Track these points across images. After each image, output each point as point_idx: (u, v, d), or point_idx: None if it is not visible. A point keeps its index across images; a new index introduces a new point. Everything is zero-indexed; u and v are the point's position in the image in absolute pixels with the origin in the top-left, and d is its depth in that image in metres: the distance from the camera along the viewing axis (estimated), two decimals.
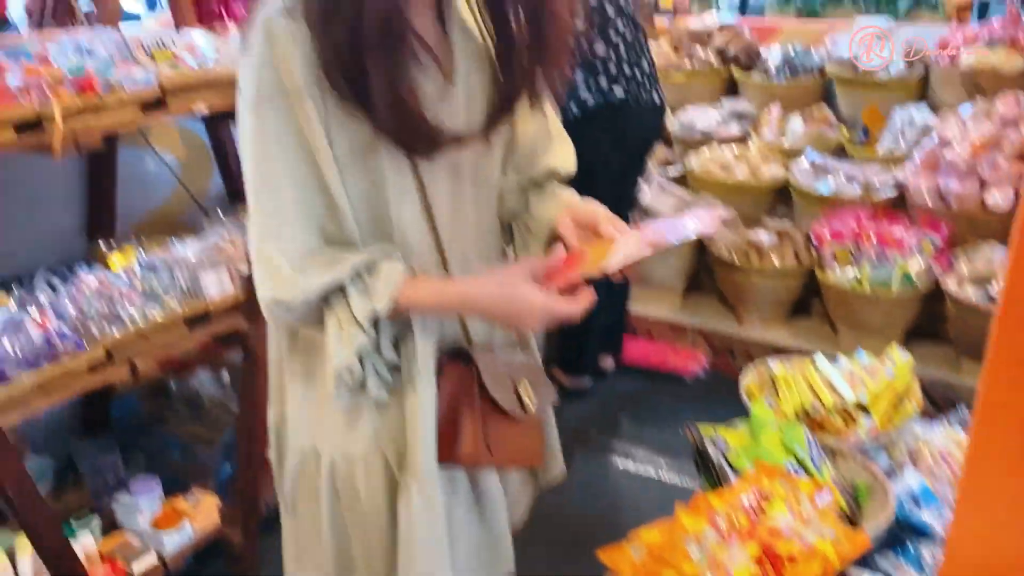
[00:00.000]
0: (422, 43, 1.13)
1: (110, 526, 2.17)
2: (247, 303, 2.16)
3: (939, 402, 2.69)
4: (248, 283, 2.16)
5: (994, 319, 0.66)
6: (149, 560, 2.08)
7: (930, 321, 2.96)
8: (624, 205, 2.87)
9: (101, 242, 2.33)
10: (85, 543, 2.04)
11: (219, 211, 2.55)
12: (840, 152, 3.49)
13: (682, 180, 3.61)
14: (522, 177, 1.32)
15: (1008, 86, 3.12)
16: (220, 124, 2.41)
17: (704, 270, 3.37)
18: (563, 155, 1.34)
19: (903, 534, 1.35)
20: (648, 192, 3.38)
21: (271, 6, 1.08)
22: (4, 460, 1.71)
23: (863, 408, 2.02)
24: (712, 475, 1.44)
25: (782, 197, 3.42)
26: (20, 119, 1.60)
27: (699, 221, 1.14)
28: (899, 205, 3.15)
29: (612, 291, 2.29)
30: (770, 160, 3.47)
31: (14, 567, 1.91)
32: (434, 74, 1.16)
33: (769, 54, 3.83)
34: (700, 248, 3.32)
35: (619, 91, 2.71)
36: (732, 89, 3.95)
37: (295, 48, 1.05)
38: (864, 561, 1.26)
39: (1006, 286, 0.65)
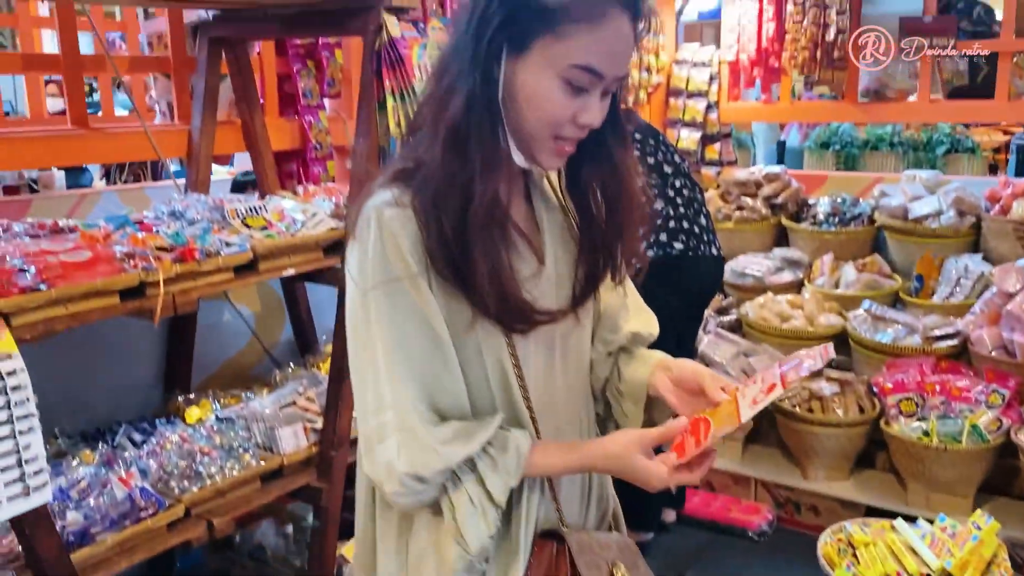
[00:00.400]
0: (518, 230, 1.19)
1: None
2: (320, 459, 2.18)
3: (1020, 563, 2.58)
4: (321, 437, 2.20)
5: None
6: None
7: (1003, 477, 2.88)
8: (684, 354, 2.87)
9: (178, 394, 2.39)
10: None
11: (290, 363, 2.61)
12: (895, 301, 3.50)
13: (736, 327, 3.63)
14: (608, 346, 1.36)
15: None
16: (295, 279, 2.50)
17: (765, 420, 3.34)
18: (645, 320, 1.39)
19: None
20: (705, 340, 3.40)
21: (380, 197, 1.15)
22: None
23: (949, 575, 1.95)
24: None
25: (840, 347, 3.41)
26: (125, 286, 1.69)
27: (813, 357, 1.15)
28: (961, 355, 3.12)
29: None
30: (825, 309, 3.48)
31: None
32: (527, 255, 1.22)
33: (817, 203, 3.92)
34: None
35: (679, 245, 2.78)
36: (782, 237, 4.02)
37: (405, 235, 1.11)
38: None
39: None
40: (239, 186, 3.07)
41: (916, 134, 6.44)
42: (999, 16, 3.77)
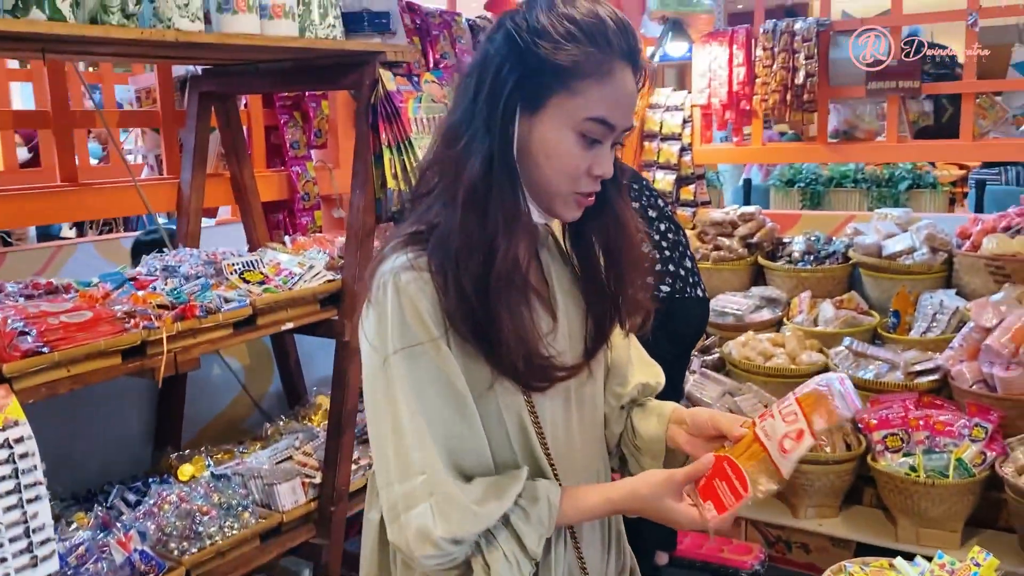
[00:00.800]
0: (534, 289, 1.21)
1: None
2: (320, 515, 2.15)
3: None
4: (320, 493, 2.17)
5: None
6: None
7: (989, 510, 2.92)
8: (675, 396, 2.91)
9: (170, 451, 2.35)
10: None
11: (281, 416, 2.59)
12: (874, 337, 3.56)
13: (720, 366, 3.66)
14: (619, 399, 1.37)
15: None
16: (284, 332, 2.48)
17: None
18: (652, 371, 1.41)
19: None
20: (691, 381, 3.43)
21: (395, 260, 1.15)
22: None
23: None
24: None
25: None
26: (128, 346, 1.67)
27: (829, 389, 1.15)
28: (942, 390, 3.18)
29: None
30: (807, 346, 3.53)
31: None
32: (543, 312, 1.23)
33: (792, 242, 3.99)
34: None
35: (665, 288, 2.81)
36: (759, 275, 4.08)
37: (424, 299, 1.12)
38: None
39: None
40: (141, 248, 2.46)
41: (879, 171, 6.62)
42: (961, 59, 3.90)
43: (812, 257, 3.89)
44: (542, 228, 1.30)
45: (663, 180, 4.43)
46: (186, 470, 2.25)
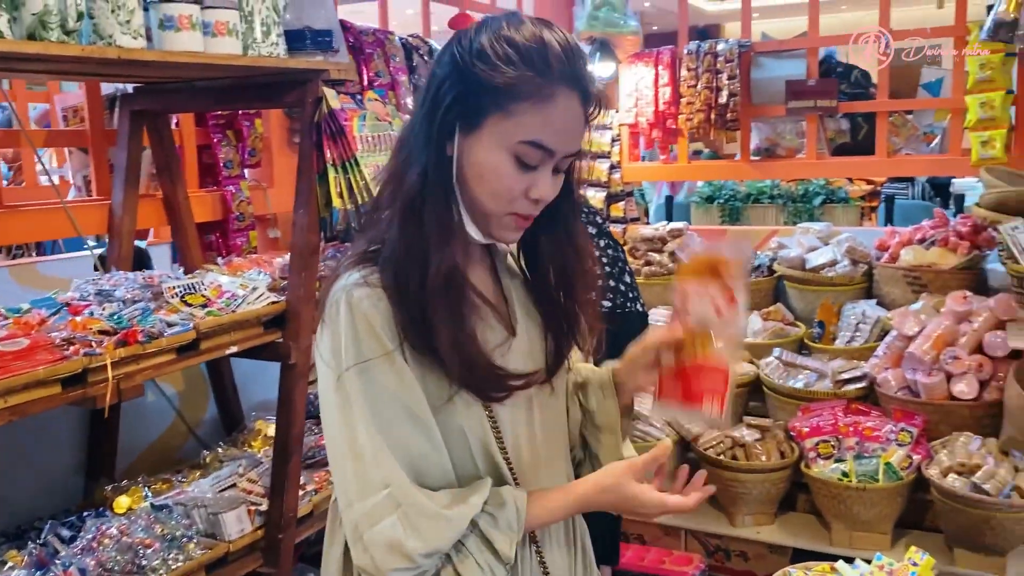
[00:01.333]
0: (484, 299, 1.21)
1: None
2: (267, 543, 2.10)
3: None
4: (267, 520, 2.11)
5: None
6: None
7: (916, 511, 3.04)
8: None
9: (104, 483, 2.26)
10: None
11: (219, 443, 2.52)
12: (801, 347, 3.68)
13: None
14: (568, 386, 1.38)
15: (946, 281, 3.40)
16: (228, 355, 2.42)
17: (691, 471, 3.42)
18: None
19: None
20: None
21: (348, 278, 1.16)
22: None
23: None
24: None
25: (755, 393, 3.55)
26: (69, 374, 1.60)
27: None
28: (868, 396, 3.30)
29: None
30: (737, 358, 3.62)
31: None
32: (496, 325, 1.24)
33: None
34: (685, 448, 3.38)
35: (606, 303, 2.85)
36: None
37: (377, 313, 1.12)
38: None
39: None
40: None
41: (794, 187, 6.87)
42: (875, 79, 4.08)
43: None
44: (500, 247, 1.31)
45: (594, 197, 4.50)
46: (122, 502, 2.16)
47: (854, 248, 3.73)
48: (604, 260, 2.91)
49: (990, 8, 3.53)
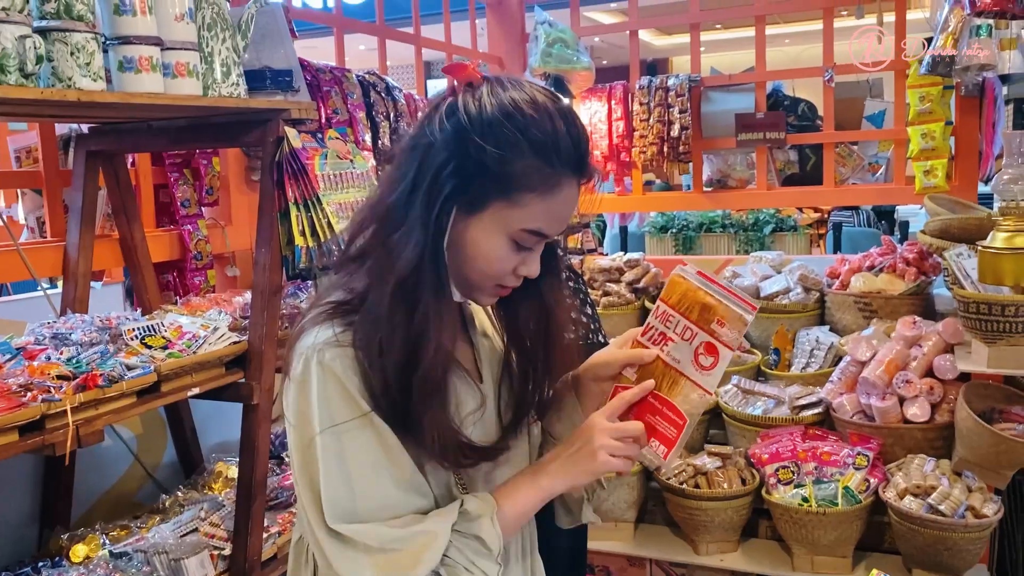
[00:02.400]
0: (462, 368, 1.21)
1: None
2: None
3: None
4: (231, 565, 2.08)
5: None
6: None
7: (874, 533, 3.09)
8: None
9: (59, 531, 2.20)
10: None
11: (179, 487, 2.47)
12: (758, 374, 3.73)
13: None
14: None
15: (895, 306, 3.49)
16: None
17: (653, 500, 3.44)
18: None
19: None
20: None
21: (318, 334, 1.12)
22: None
23: None
24: None
25: (714, 421, 3.59)
26: (27, 421, 1.56)
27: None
28: (825, 422, 3.36)
29: (570, 532, 2.30)
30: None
31: None
32: (471, 390, 1.24)
33: None
34: (648, 477, 3.40)
35: (568, 334, 2.87)
36: (646, 319, 4.20)
37: (351, 375, 1.09)
38: None
39: None
40: None
41: (744, 216, 7.02)
42: (821, 111, 4.20)
43: None
44: (468, 308, 1.31)
45: None
46: (79, 551, 2.11)
47: (806, 276, 3.81)
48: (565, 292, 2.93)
49: (929, 41, 3.68)
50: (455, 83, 1.13)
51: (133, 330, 1.94)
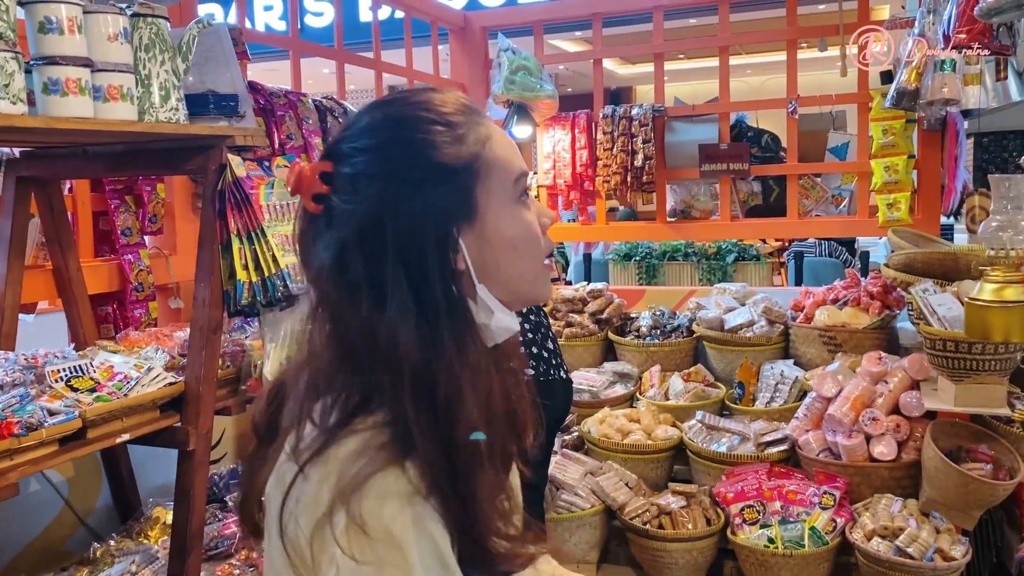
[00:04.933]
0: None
1: None
2: None
3: None
4: None
5: None
6: None
7: (842, 575, 3.01)
8: (537, 479, 2.84)
9: None
10: None
11: (112, 534, 2.32)
12: (722, 408, 3.66)
13: (580, 445, 3.65)
14: None
15: (859, 340, 3.44)
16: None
17: (616, 540, 3.33)
18: None
19: None
20: (552, 463, 3.38)
21: (385, 481, 0.88)
22: None
23: None
24: None
25: (679, 457, 3.51)
26: None
27: None
28: (790, 459, 3.29)
29: None
30: (661, 421, 3.58)
31: None
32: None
33: (639, 317, 4.09)
34: (611, 517, 3.30)
35: (529, 371, 2.77)
36: (610, 350, 4.13)
37: (444, 535, 0.89)
38: None
39: None
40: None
41: (707, 245, 7.02)
42: (784, 143, 4.18)
43: (659, 331, 3.99)
44: None
45: None
46: None
47: (770, 308, 3.76)
48: (527, 326, 2.84)
49: (887, 75, 3.67)
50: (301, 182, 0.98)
51: (58, 371, 1.80)
